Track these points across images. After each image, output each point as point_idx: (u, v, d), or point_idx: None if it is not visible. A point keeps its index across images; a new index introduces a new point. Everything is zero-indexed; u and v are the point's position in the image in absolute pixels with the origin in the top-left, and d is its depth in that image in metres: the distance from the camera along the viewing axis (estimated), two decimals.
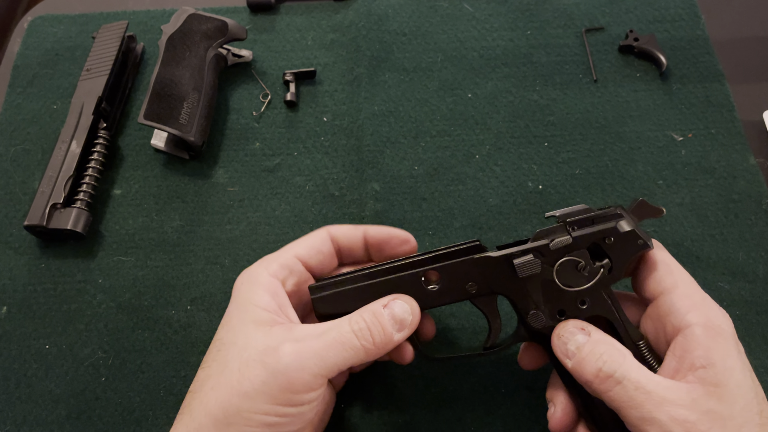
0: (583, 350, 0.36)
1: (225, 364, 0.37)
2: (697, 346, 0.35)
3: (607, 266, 0.37)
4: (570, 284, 0.38)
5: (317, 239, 0.42)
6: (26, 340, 0.49)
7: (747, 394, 0.34)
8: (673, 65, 0.60)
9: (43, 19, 0.65)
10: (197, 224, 0.54)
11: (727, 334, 0.35)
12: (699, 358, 0.34)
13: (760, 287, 0.50)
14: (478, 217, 0.53)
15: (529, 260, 0.37)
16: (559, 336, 0.38)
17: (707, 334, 0.35)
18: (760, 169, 0.55)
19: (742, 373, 0.34)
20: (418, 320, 0.39)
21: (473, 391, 0.47)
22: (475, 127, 0.58)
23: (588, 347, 0.36)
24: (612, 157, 0.56)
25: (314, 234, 0.43)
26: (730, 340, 0.35)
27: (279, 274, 0.40)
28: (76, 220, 0.51)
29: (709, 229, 0.52)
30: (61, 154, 0.53)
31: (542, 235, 0.38)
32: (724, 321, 0.36)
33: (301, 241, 0.42)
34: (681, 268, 0.39)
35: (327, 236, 0.43)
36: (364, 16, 0.64)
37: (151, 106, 0.54)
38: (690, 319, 0.36)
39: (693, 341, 0.35)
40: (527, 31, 0.63)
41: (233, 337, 0.38)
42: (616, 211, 0.38)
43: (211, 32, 0.58)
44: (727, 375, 0.34)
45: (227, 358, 0.37)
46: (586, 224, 0.38)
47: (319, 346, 0.36)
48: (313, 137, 0.58)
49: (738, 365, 0.34)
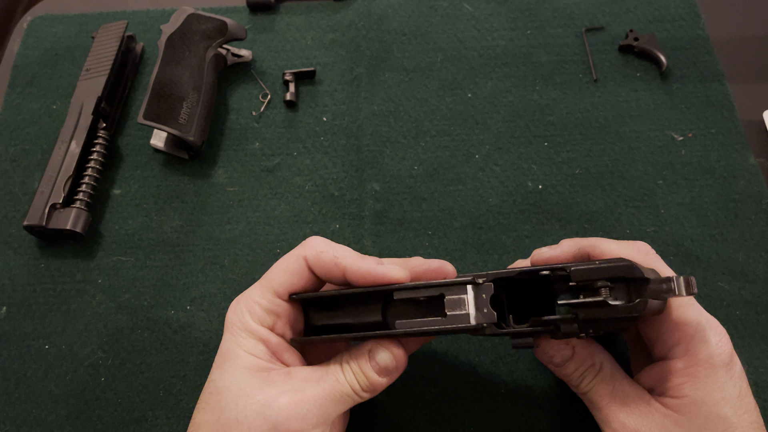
0: (568, 366, 0.40)
1: (220, 411, 0.36)
2: (679, 380, 0.37)
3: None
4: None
5: (293, 272, 0.39)
6: (26, 340, 0.49)
7: (733, 400, 0.35)
8: (673, 65, 0.60)
9: (42, 19, 0.65)
10: (197, 224, 0.54)
11: (715, 366, 0.36)
12: (674, 389, 0.37)
13: (761, 287, 0.50)
14: (478, 217, 0.53)
15: (524, 342, 0.36)
16: (544, 352, 0.40)
17: (688, 371, 0.36)
18: (760, 168, 0.55)
19: (714, 407, 0.35)
20: (404, 364, 0.38)
21: (473, 391, 0.46)
22: (474, 126, 0.58)
23: (572, 364, 0.40)
24: (612, 157, 0.56)
25: (290, 262, 0.39)
26: (716, 371, 0.36)
27: (266, 321, 0.38)
28: (75, 220, 0.51)
29: (709, 229, 0.52)
30: (61, 154, 0.53)
31: (550, 320, 0.35)
32: (716, 351, 0.36)
33: (278, 273, 0.39)
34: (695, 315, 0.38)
35: (303, 265, 0.39)
36: (363, 15, 0.64)
37: (150, 106, 0.54)
38: (674, 353, 0.37)
39: (674, 374, 0.37)
40: (527, 30, 0.63)
41: (227, 383, 0.36)
42: (634, 297, 0.35)
43: (211, 32, 0.58)
44: (694, 408, 0.35)
45: (221, 404, 0.36)
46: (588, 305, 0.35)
47: (317, 395, 0.36)
48: (313, 137, 0.58)
49: (714, 398, 0.35)
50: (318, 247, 0.39)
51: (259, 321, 0.38)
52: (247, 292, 0.39)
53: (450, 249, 0.52)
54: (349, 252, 0.39)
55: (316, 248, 0.39)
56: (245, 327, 0.38)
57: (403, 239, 0.53)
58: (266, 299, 0.39)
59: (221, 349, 0.38)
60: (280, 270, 0.39)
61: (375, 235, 0.53)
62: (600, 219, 0.53)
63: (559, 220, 0.53)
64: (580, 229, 0.52)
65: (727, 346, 0.36)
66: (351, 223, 0.53)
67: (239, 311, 0.39)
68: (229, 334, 0.38)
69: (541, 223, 0.53)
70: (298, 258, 0.39)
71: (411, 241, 0.52)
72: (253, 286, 0.40)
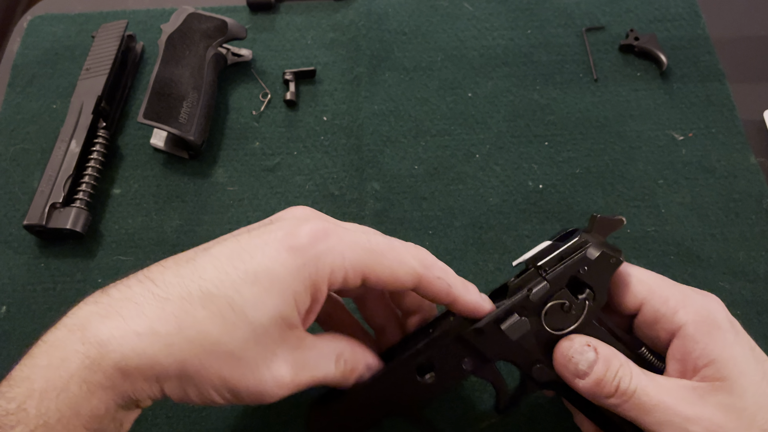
0: (597, 369, 0.35)
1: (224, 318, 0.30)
2: (694, 346, 0.35)
3: (590, 296, 0.37)
4: (562, 326, 0.37)
5: (380, 279, 0.34)
6: (25, 339, 0.49)
7: (754, 380, 0.34)
8: (673, 64, 0.60)
9: (42, 19, 0.65)
10: (197, 224, 0.54)
11: (719, 321, 0.35)
12: (699, 358, 0.34)
13: (761, 287, 0.50)
14: (478, 217, 0.53)
15: (516, 321, 0.36)
16: (569, 358, 0.36)
17: (700, 330, 0.35)
18: (760, 168, 0.55)
19: (744, 359, 0.34)
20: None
21: (473, 391, 0.46)
22: (475, 126, 0.58)
23: (601, 366, 0.35)
24: (612, 157, 0.56)
25: (395, 268, 0.34)
26: (723, 327, 0.35)
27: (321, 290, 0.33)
28: (75, 219, 0.51)
29: (710, 228, 0.52)
30: (61, 154, 0.53)
31: (517, 288, 0.37)
32: (713, 306, 0.36)
33: (368, 263, 0.34)
34: (649, 273, 0.38)
35: (402, 280, 0.35)
36: (364, 15, 0.64)
37: (150, 106, 0.54)
38: (679, 319, 0.35)
39: (689, 342, 0.35)
40: (527, 30, 0.63)
41: (256, 310, 0.31)
42: (580, 239, 0.37)
43: (211, 31, 0.58)
44: (730, 366, 0.34)
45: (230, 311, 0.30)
46: (555, 263, 0.37)
47: (306, 379, 0.33)
48: (313, 136, 0.58)
49: (738, 352, 0.34)
50: (434, 270, 0.34)
51: (328, 283, 0.32)
52: (341, 248, 0.32)
53: (450, 248, 0.52)
54: (453, 277, 0.35)
55: (433, 270, 0.34)
56: (314, 280, 0.32)
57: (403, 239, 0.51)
58: (341, 276, 0.33)
59: (270, 262, 0.31)
60: (373, 261, 0.33)
61: None
62: None
63: (559, 219, 0.53)
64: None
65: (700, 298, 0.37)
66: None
67: (327, 261, 0.32)
68: (300, 262, 0.31)
69: (541, 222, 0.53)
70: (409, 272, 0.34)
71: (411, 241, 0.51)
72: (342, 245, 0.33)
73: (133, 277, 0.32)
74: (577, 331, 0.37)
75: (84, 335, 0.29)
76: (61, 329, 0.30)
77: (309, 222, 0.33)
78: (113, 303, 0.30)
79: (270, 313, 0.31)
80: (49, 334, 0.30)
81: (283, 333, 0.32)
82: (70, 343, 0.29)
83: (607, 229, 0.38)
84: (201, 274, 0.31)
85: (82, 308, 0.31)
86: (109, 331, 0.29)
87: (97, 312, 0.30)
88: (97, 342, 0.29)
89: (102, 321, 0.29)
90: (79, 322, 0.30)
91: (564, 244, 0.37)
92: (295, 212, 0.37)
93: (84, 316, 0.30)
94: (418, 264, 0.34)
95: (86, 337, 0.29)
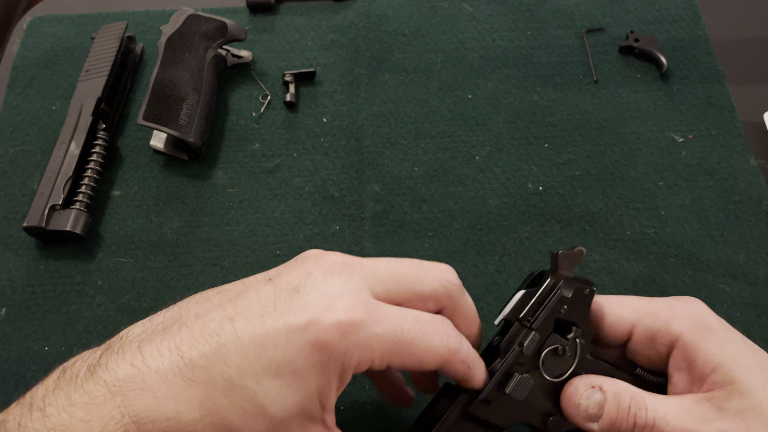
0: (608, 409, 0.34)
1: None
2: (697, 353, 0.35)
3: (578, 332, 0.36)
4: (561, 371, 0.36)
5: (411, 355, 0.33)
6: (25, 342, 0.49)
7: (758, 374, 0.34)
8: (673, 66, 0.60)
9: (42, 20, 0.65)
10: (197, 225, 0.54)
11: (710, 323, 0.35)
12: (704, 364, 0.34)
13: (761, 289, 0.50)
14: (478, 219, 0.53)
15: (519, 380, 0.35)
16: (577, 404, 0.35)
17: (698, 336, 0.35)
18: (760, 170, 0.55)
19: (742, 355, 0.34)
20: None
21: None
22: (475, 128, 0.58)
23: (611, 404, 0.34)
24: (612, 158, 0.56)
25: (428, 343, 0.32)
26: (715, 327, 0.35)
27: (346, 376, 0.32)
28: (75, 221, 0.51)
29: (710, 230, 0.52)
30: (60, 155, 0.53)
31: (507, 346, 0.36)
32: (700, 309, 0.36)
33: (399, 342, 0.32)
34: (623, 297, 0.38)
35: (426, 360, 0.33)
36: (363, 16, 0.64)
37: (150, 107, 0.53)
38: (674, 330, 0.36)
39: (690, 350, 0.35)
40: (527, 31, 0.63)
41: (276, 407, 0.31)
42: (551, 280, 0.37)
43: (211, 33, 0.58)
44: (734, 367, 0.34)
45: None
46: (535, 310, 0.36)
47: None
48: (313, 138, 0.58)
49: (736, 350, 0.34)
50: (460, 355, 0.33)
51: (354, 371, 0.32)
52: (372, 342, 0.31)
53: (450, 251, 0.52)
54: (475, 358, 0.34)
55: (458, 355, 0.33)
56: (339, 372, 0.31)
57: (403, 241, 0.52)
58: (367, 366, 0.32)
59: (293, 355, 0.30)
60: (408, 340, 0.32)
61: (375, 237, 0.52)
62: (600, 221, 0.53)
63: (559, 221, 0.53)
64: (580, 231, 0.52)
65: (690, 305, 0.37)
66: (351, 225, 0.53)
67: (355, 356, 0.31)
68: (326, 358, 0.31)
69: (541, 224, 0.53)
70: (435, 359, 0.33)
71: (411, 243, 0.52)
72: (378, 322, 0.31)
73: (163, 338, 0.32)
74: (576, 371, 0.36)
75: (124, 404, 0.29)
76: (100, 385, 0.30)
77: (340, 300, 0.31)
78: (147, 374, 0.30)
79: (290, 409, 0.31)
80: (90, 382, 0.30)
81: (303, 426, 0.32)
82: (111, 408, 0.29)
83: (571, 262, 0.38)
84: (225, 359, 0.30)
85: (120, 365, 0.30)
86: (145, 409, 0.29)
87: (133, 378, 0.30)
88: (135, 419, 0.29)
89: (139, 394, 0.30)
90: (118, 386, 0.30)
91: (537, 290, 0.37)
92: (322, 264, 0.33)
93: (122, 379, 0.30)
94: (445, 351, 0.33)
95: (126, 407, 0.29)
